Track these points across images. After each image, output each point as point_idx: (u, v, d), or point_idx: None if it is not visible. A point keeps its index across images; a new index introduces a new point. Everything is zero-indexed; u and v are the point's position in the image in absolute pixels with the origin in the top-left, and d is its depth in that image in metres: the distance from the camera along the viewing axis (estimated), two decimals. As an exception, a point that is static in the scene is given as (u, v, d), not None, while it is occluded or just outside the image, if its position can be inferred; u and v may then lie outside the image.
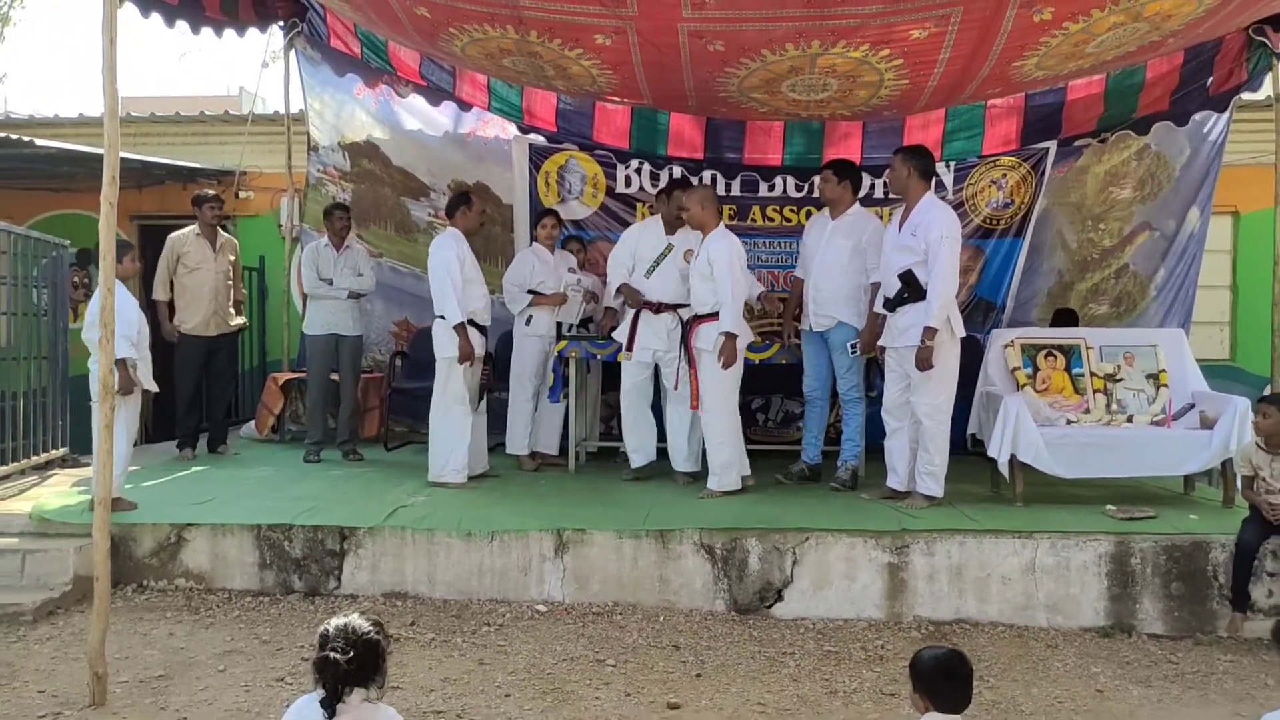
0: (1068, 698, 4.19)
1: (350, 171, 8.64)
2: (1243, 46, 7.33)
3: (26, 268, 6.81)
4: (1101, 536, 5.04)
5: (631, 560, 5.14)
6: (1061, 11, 5.35)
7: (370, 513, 5.49)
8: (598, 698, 4.07)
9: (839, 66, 5.94)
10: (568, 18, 5.54)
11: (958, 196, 8.04)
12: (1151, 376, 6.03)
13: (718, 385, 6.02)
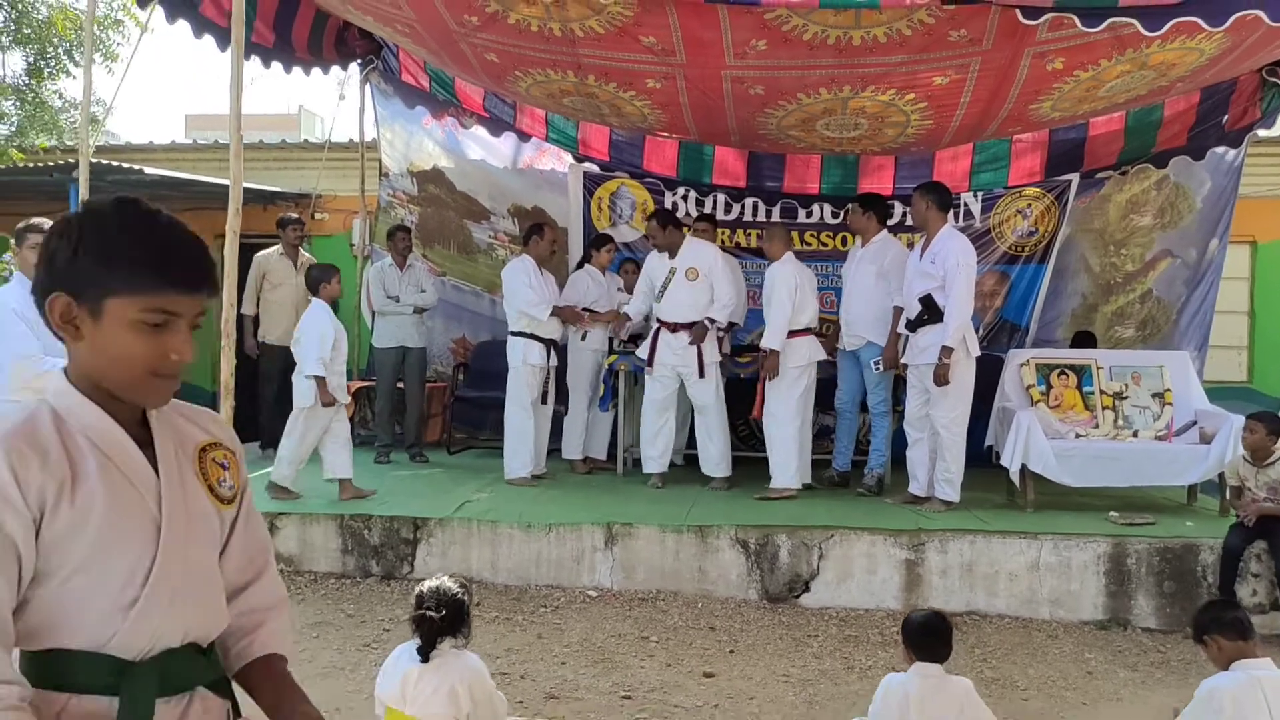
0: (1060, 678, 4.71)
1: (418, 196, 9.35)
2: (1257, 86, 7.78)
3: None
4: (1100, 538, 5.55)
5: (674, 552, 5.73)
6: (1072, 61, 5.90)
7: (440, 506, 6.13)
8: (642, 667, 4.66)
9: (869, 108, 6.53)
10: (623, 64, 6.19)
11: (985, 224, 8.56)
12: (1157, 395, 6.52)
13: (779, 396, 6.63)
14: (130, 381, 1.45)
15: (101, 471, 1.43)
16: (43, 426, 1.43)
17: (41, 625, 1.40)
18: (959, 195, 8.55)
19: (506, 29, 5.88)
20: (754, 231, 8.65)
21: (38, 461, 1.38)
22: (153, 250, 1.44)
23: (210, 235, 10.48)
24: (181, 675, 1.51)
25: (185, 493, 1.53)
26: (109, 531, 1.42)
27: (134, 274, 1.41)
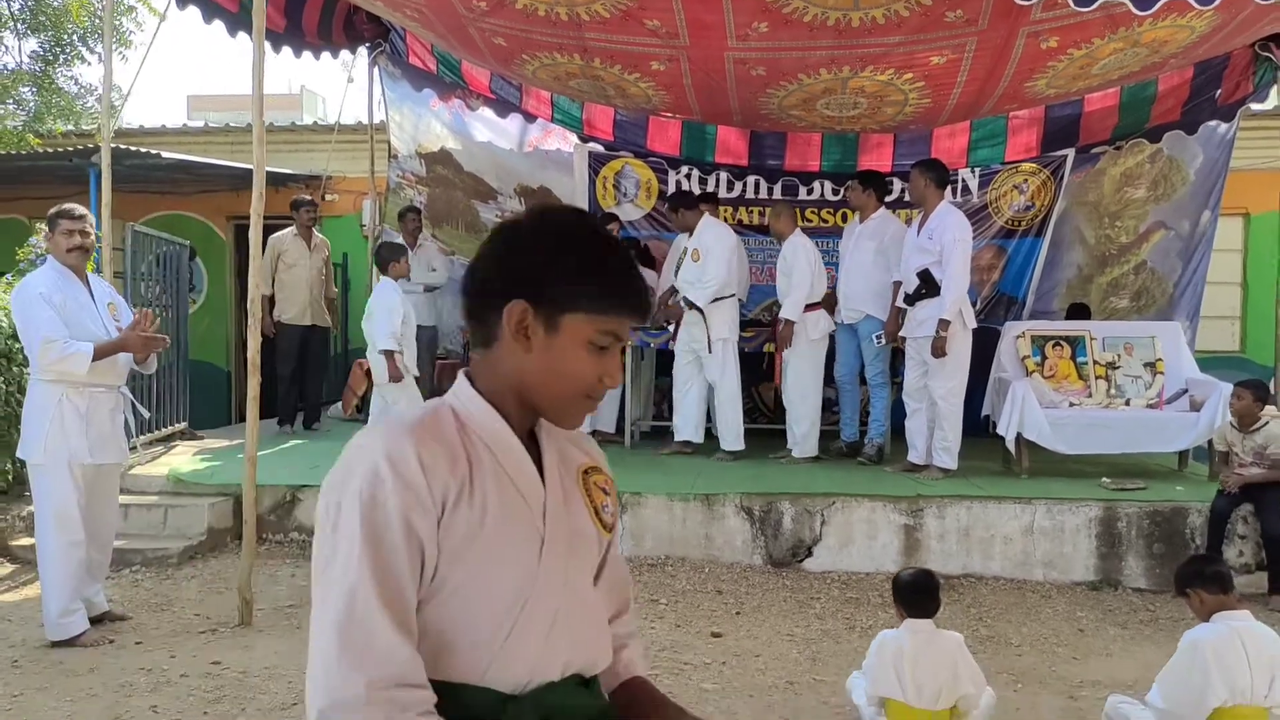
0: (1053, 635, 4.93)
1: (426, 177, 9.52)
2: (1249, 61, 7.93)
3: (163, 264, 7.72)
4: (1092, 503, 5.76)
5: (681, 520, 5.95)
6: (1066, 39, 6.06)
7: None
8: (653, 627, 4.88)
9: (868, 88, 6.69)
10: (628, 47, 6.36)
11: (982, 199, 8.73)
12: (1149, 365, 6.72)
13: (800, 369, 6.91)
14: (562, 398, 1.44)
15: (494, 478, 1.41)
16: (446, 424, 1.42)
17: (424, 651, 1.35)
18: (957, 171, 8.72)
19: (514, 14, 6.04)
20: (756, 209, 8.82)
21: (445, 458, 1.37)
22: (619, 273, 1.43)
23: (222, 217, 10.75)
24: (565, 711, 1.43)
25: (569, 511, 1.50)
26: (498, 541, 1.40)
27: (601, 295, 1.41)
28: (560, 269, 1.40)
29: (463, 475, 1.38)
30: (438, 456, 1.36)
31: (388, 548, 1.31)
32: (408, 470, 1.33)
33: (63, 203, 4.61)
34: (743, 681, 4.23)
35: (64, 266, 4.39)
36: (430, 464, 1.35)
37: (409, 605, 1.33)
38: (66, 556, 4.36)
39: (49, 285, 4.31)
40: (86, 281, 4.49)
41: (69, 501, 4.35)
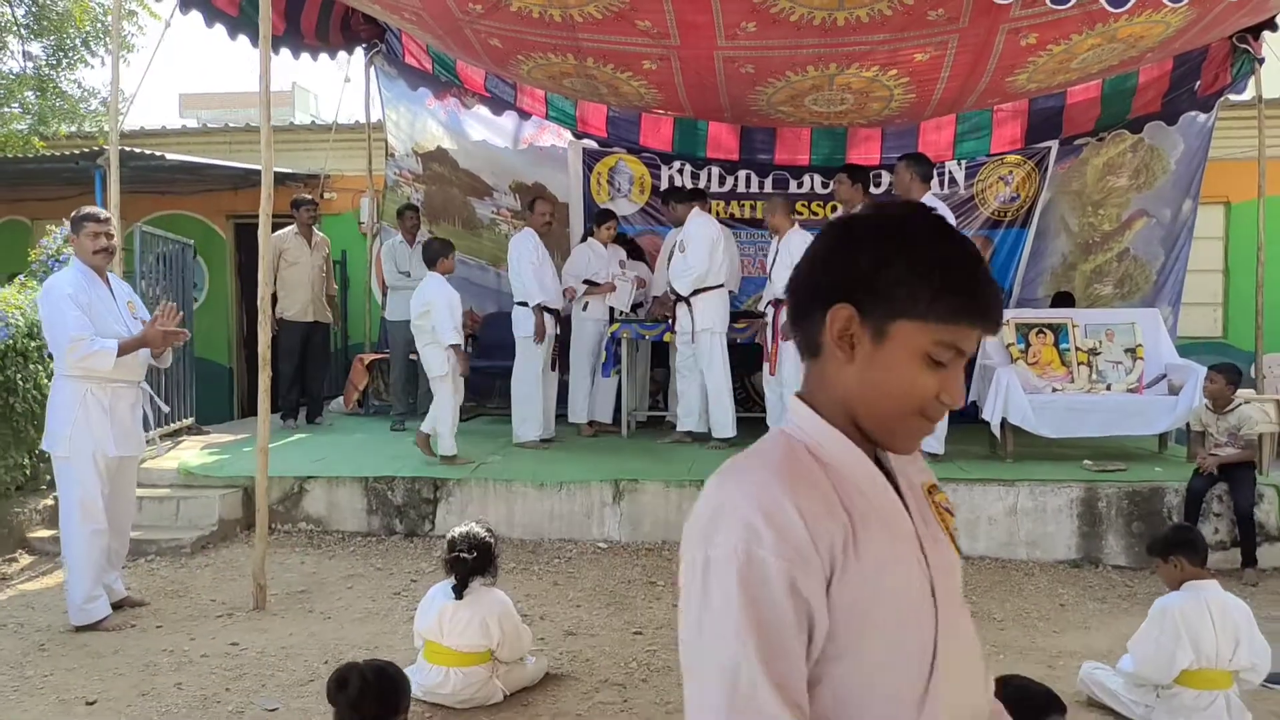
0: (1034, 610, 5.14)
1: (423, 174, 9.70)
2: (1228, 53, 8.13)
3: (167, 263, 7.89)
4: (1074, 484, 5.97)
5: (677, 505, 6.14)
6: (1045, 36, 6.24)
7: (457, 468, 6.53)
8: (650, 607, 5.08)
9: (854, 84, 6.88)
10: (620, 47, 6.53)
11: (969, 191, 8.94)
12: (1129, 350, 6.92)
13: (792, 358, 7.07)
14: (892, 417, 1.24)
15: (875, 520, 1.21)
16: (805, 461, 1.23)
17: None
18: (944, 163, 8.94)
19: (509, 16, 6.21)
20: (748, 203, 9.03)
21: (822, 504, 1.17)
22: (965, 274, 1.22)
23: (222, 216, 10.91)
24: None
25: (936, 544, 1.29)
26: (900, 594, 1.20)
27: (941, 298, 1.20)
28: (892, 268, 1.21)
29: (844, 524, 1.17)
30: (815, 503, 1.16)
31: (771, 617, 1.11)
32: (787, 524, 1.13)
33: (71, 204, 4.80)
34: (738, 656, 4.43)
35: (87, 267, 4.58)
36: (810, 514, 1.15)
37: (800, 683, 1.13)
38: (90, 545, 4.55)
39: (75, 285, 4.49)
40: (108, 281, 4.67)
41: (93, 492, 4.54)
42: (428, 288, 6.77)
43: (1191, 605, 3.76)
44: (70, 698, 3.87)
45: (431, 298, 6.70)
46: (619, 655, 4.40)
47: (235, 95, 38.45)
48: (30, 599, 5.14)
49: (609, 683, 4.11)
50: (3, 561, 5.69)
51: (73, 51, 10.64)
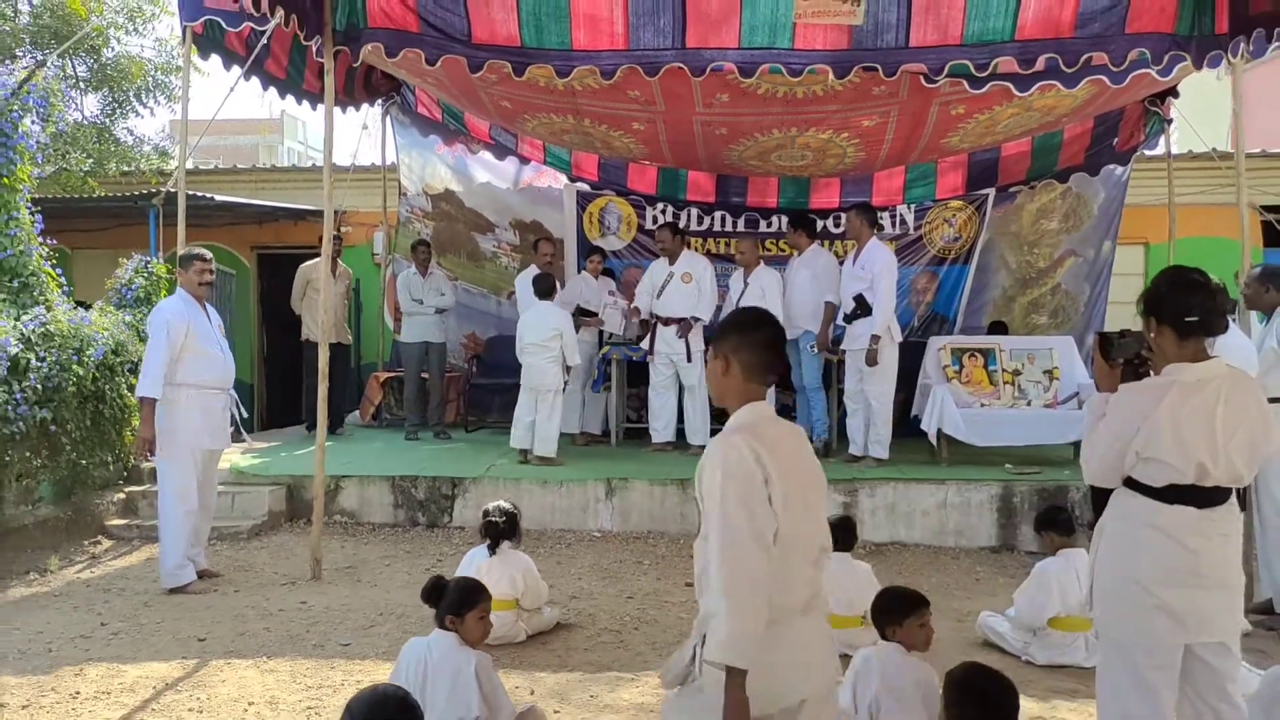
0: (954, 583, 6.26)
1: (432, 212, 10.80)
2: (1141, 114, 9.33)
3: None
4: (994, 482, 7.11)
5: (660, 501, 7.23)
6: (971, 107, 7.42)
7: (471, 469, 7.61)
8: (639, 580, 6.16)
9: (812, 144, 8.06)
10: (614, 111, 7.68)
11: (918, 232, 10.12)
12: (1047, 371, 8.09)
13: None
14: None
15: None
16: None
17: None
18: (895, 207, 10.13)
19: (519, 84, 7.29)
20: (723, 240, 10.17)
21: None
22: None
23: (247, 247, 12.03)
24: None
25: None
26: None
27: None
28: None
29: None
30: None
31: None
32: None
33: (110, 235, 5.86)
34: (710, 613, 5.52)
35: (190, 296, 5.66)
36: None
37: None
38: (183, 522, 5.60)
39: (177, 312, 5.57)
40: (204, 307, 5.75)
41: (189, 478, 5.60)
42: (554, 316, 7.96)
43: (1062, 567, 4.87)
44: (184, 637, 4.91)
45: (561, 325, 7.95)
46: (615, 612, 5.48)
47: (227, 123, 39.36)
48: (123, 572, 6.17)
49: (608, 630, 5.18)
50: (89, 544, 6.71)
51: (125, 104, 11.76)
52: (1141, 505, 2.93)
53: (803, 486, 2.46)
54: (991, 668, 2.94)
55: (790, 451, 2.47)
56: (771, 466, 2.34)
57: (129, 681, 4.32)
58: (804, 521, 2.44)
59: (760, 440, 2.37)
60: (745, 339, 2.54)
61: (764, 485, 2.32)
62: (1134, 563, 2.92)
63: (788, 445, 2.49)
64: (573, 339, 8.00)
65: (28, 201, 6.61)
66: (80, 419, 6.66)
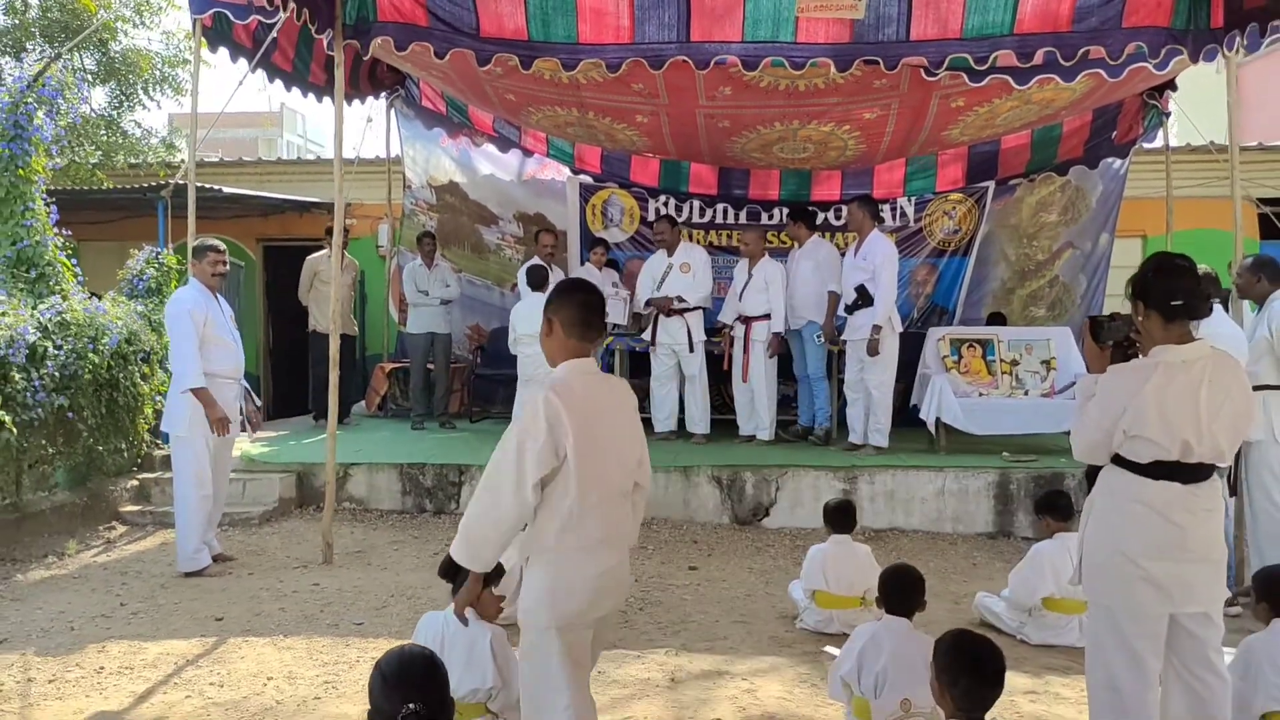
0: (951, 568, 6.39)
1: (436, 204, 10.90)
2: (1139, 107, 9.44)
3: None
4: (991, 470, 7.24)
5: (664, 487, 7.35)
6: (970, 100, 7.53)
7: (477, 457, 7.72)
8: (644, 564, 6.29)
9: (814, 137, 8.17)
10: (617, 104, 7.79)
11: (918, 224, 10.23)
12: (1045, 362, 8.21)
13: (761, 366, 8.34)
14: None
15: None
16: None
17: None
18: (896, 199, 10.24)
19: (525, 77, 7.43)
20: (725, 232, 10.28)
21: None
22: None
23: (252, 239, 12.15)
24: None
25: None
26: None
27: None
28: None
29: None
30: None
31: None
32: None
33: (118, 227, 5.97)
34: (713, 595, 5.65)
35: (204, 287, 5.78)
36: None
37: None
38: (200, 506, 5.74)
39: (195, 302, 5.70)
40: (217, 298, 5.88)
41: (204, 464, 5.74)
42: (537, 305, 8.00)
43: (1056, 549, 4.99)
44: (201, 617, 5.05)
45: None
46: (620, 594, 5.61)
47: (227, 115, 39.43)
48: (138, 556, 6.30)
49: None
50: (104, 529, 6.85)
51: (133, 97, 11.88)
52: (1128, 481, 3.05)
53: (605, 435, 2.84)
54: (978, 633, 3.06)
55: (598, 403, 2.84)
56: (568, 419, 2.72)
57: (150, 658, 4.45)
58: (603, 465, 2.82)
59: (564, 395, 2.75)
60: (564, 300, 2.91)
61: (548, 440, 2.71)
62: (1121, 536, 3.04)
63: (598, 398, 2.86)
64: None
65: (43, 193, 6.73)
66: (96, 406, 6.79)
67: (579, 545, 2.80)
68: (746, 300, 8.42)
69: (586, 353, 2.93)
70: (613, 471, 2.88)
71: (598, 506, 2.81)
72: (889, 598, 3.71)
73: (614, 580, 2.93)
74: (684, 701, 4.07)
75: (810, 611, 5.00)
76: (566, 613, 2.81)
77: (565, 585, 2.82)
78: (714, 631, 5.00)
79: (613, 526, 2.89)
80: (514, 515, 2.78)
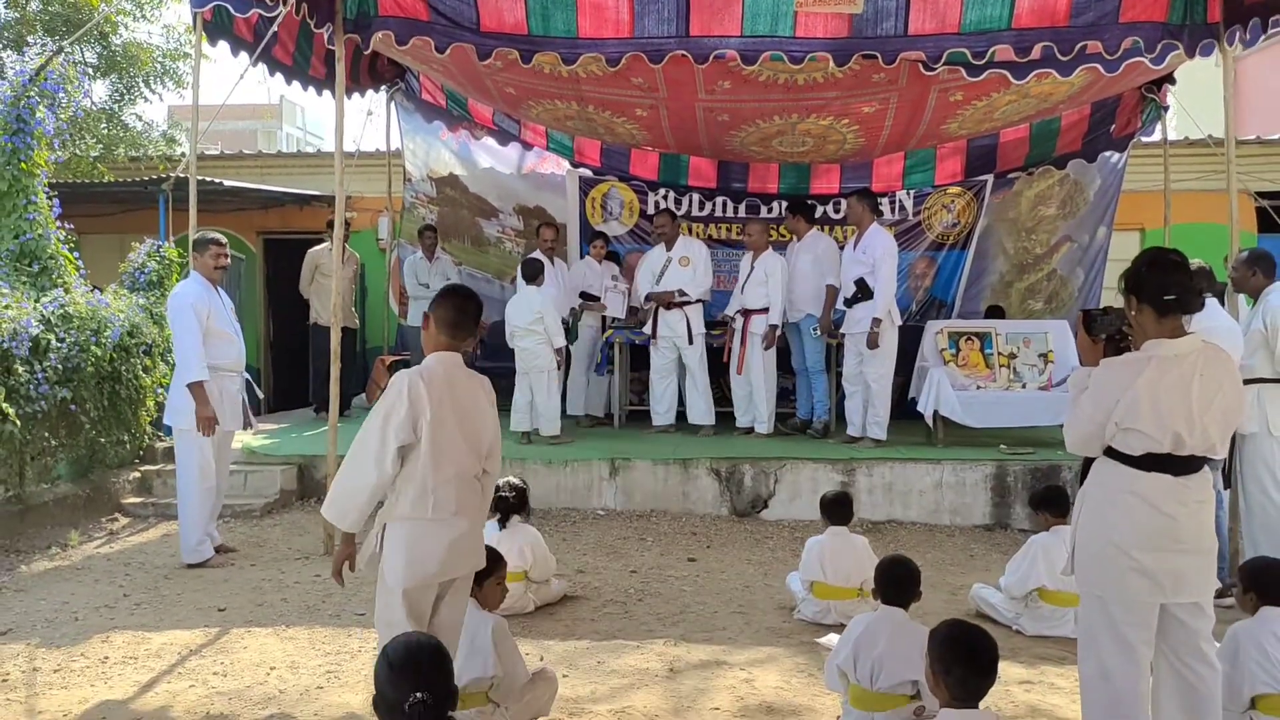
0: (948, 559, 6.43)
1: (436, 197, 10.93)
2: (1138, 101, 9.47)
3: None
4: (988, 462, 7.28)
5: (663, 480, 7.40)
6: (969, 94, 7.56)
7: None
8: (643, 556, 6.33)
9: (813, 130, 8.20)
10: (617, 97, 7.82)
11: (917, 218, 10.25)
12: (1042, 355, 8.25)
13: (757, 358, 8.37)
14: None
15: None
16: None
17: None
18: (894, 193, 10.27)
19: (525, 71, 7.44)
20: (724, 225, 10.31)
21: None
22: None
23: (253, 232, 12.19)
24: None
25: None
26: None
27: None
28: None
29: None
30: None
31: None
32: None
33: (120, 220, 5.98)
34: (711, 586, 5.70)
35: (206, 280, 5.81)
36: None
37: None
38: (204, 498, 5.78)
39: (196, 296, 5.73)
40: (218, 291, 5.91)
41: (208, 456, 5.78)
42: (537, 299, 8.09)
43: (1051, 540, 5.03)
44: (205, 607, 5.09)
45: (543, 307, 8.09)
46: (620, 585, 5.66)
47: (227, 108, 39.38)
48: (141, 547, 6.35)
49: (613, 601, 5.36)
50: (107, 520, 6.89)
51: (134, 90, 11.90)
52: (1120, 473, 3.09)
53: (457, 419, 3.19)
54: (972, 623, 3.10)
55: (456, 392, 3.21)
56: (426, 400, 3.09)
57: (154, 648, 4.49)
58: (455, 446, 3.18)
59: (427, 380, 3.14)
60: (442, 302, 3.28)
61: (408, 414, 3.08)
62: (1113, 526, 3.08)
63: (458, 387, 3.23)
64: (554, 322, 8.15)
65: (45, 186, 6.75)
66: (98, 399, 6.83)
67: (432, 515, 3.16)
68: (747, 293, 8.46)
69: (455, 349, 3.30)
70: (464, 453, 3.23)
71: (450, 481, 3.17)
72: (885, 588, 3.74)
73: (464, 548, 3.28)
74: (682, 692, 4.11)
75: (808, 602, 5.04)
76: (417, 575, 3.18)
77: (420, 551, 3.18)
78: (712, 622, 5.04)
79: (464, 500, 3.24)
80: (374, 481, 3.14)
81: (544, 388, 8.11)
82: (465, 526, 3.25)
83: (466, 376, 3.31)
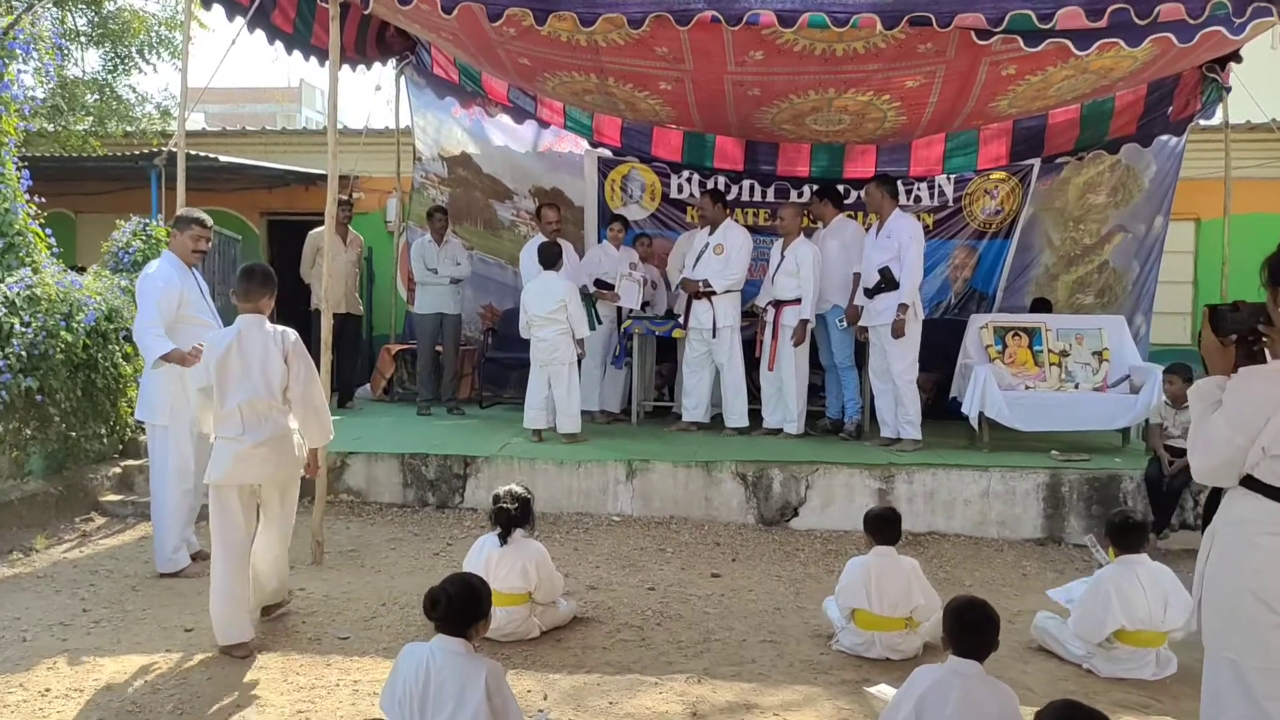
0: (1000, 578, 5.82)
1: (448, 177, 10.37)
2: (1198, 81, 8.81)
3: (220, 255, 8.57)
4: (1040, 470, 6.65)
5: (684, 484, 6.81)
6: (1023, 67, 6.91)
7: (484, 447, 7.21)
8: (662, 570, 5.75)
9: (850, 107, 7.56)
10: (639, 69, 7.21)
11: (957, 204, 9.62)
12: (1096, 353, 7.60)
13: (789, 353, 7.79)
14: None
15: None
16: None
17: None
18: (934, 177, 9.63)
19: (539, 39, 6.86)
20: (751, 210, 9.70)
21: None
22: None
23: (256, 213, 11.62)
24: None
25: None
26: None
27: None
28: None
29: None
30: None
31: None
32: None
33: (116, 198, 5.46)
34: (738, 608, 5.11)
35: (180, 261, 5.25)
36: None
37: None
38: (181, 503, 5.24)
39: (167, 278, 5.16)
40: (194, 273, 5.35)
41: (187, 457, 5.23)
42: (559, 286, 7.50)
43: (1123, 575, 4.39)
44: (170, 626, 4.54)
45: (566, 295, 7.49)
46: (636, 605, 5.08)
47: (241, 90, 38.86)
48: (113, 552, 5.81)
49: (628, 625, 4.78)
50: (81, 521, 6.36)
51: (128, 59, 11.35)
52: (1265, 509, 2.48)
53: (245, 365, 4.26)
54: (1090, 708, 2.51)
55: (244, 343, 4.27)
56: (217, 352, 4.25)
57: (104, 678, 3.94)
58: (240, 384, 4.25)
59: (220, 337, 4.33)
60: (238, 279, 4.48)
61: (204, 360, 4.29)
62: (1254, 574, 2.48)
63: (247, 341, 4.29)
64: (579, 310, 7.55)
65: (14, 156, 6.21)
66: (70, 389, 6.28)
67: (223, 435, 4.27)
68: (778, 283, 7.86)
69: (249, 311, 4.39)
70: (249, 390, 4.25)
71: (235, 412, 4.24)
72: (959, 637, 3.09)
73: (254, 461, 4.28)
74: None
75: (848, 632, 4.46)
76: (216, 476, 4.27)
77: (217, 459, 4.29)
78: (740, 653, 4.45)
79: (253, 425, 4.27)
80: (204, 401, 4.35)
81: (564, 381, 7.52)
82: (257, 444, 4.26)
83: (261, 334, 4.32)
